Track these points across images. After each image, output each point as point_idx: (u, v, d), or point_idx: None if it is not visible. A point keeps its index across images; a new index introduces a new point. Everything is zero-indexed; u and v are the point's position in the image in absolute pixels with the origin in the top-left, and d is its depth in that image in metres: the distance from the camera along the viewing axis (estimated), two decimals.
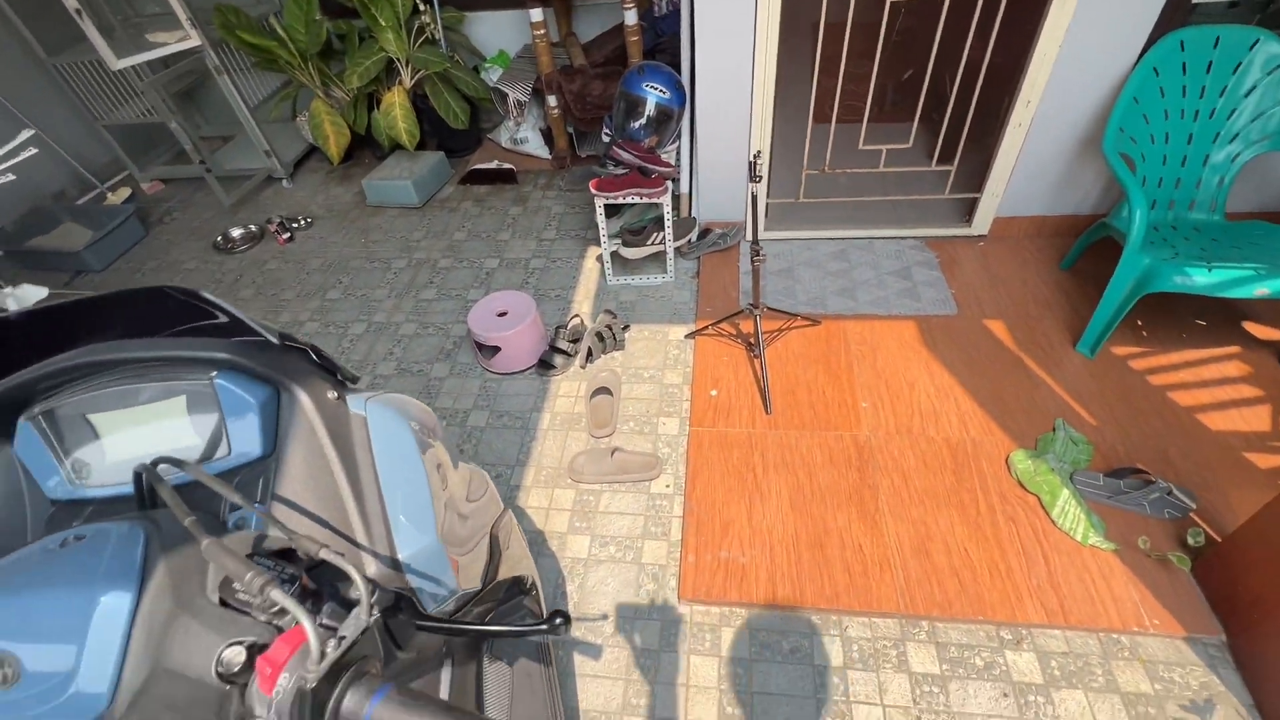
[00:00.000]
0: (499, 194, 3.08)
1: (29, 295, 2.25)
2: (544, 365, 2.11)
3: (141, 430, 0.61)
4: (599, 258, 2.58)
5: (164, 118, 2.98)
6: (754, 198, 1.68)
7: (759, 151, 1.59)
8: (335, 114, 3.06)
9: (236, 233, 2.96)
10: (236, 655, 0.38)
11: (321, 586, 0.44)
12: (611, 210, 2.42)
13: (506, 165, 3.12)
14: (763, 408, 1.90)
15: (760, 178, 1.62)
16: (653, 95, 2.10)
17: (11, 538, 0.52)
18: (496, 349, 2.05)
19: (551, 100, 2.93)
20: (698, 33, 2.03)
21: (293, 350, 0.63)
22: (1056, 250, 2.33)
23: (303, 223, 3.00)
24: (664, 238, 2.30)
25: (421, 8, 2.88)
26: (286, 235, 2.91)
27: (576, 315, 2.25)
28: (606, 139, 2.34)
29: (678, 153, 2.34)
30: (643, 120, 2.16)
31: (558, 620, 0.48)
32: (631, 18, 2.58)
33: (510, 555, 1.00)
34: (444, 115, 3.00)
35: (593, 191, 2.17)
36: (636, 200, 2.17)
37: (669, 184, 2.19)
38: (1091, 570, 1.46)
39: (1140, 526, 1.52)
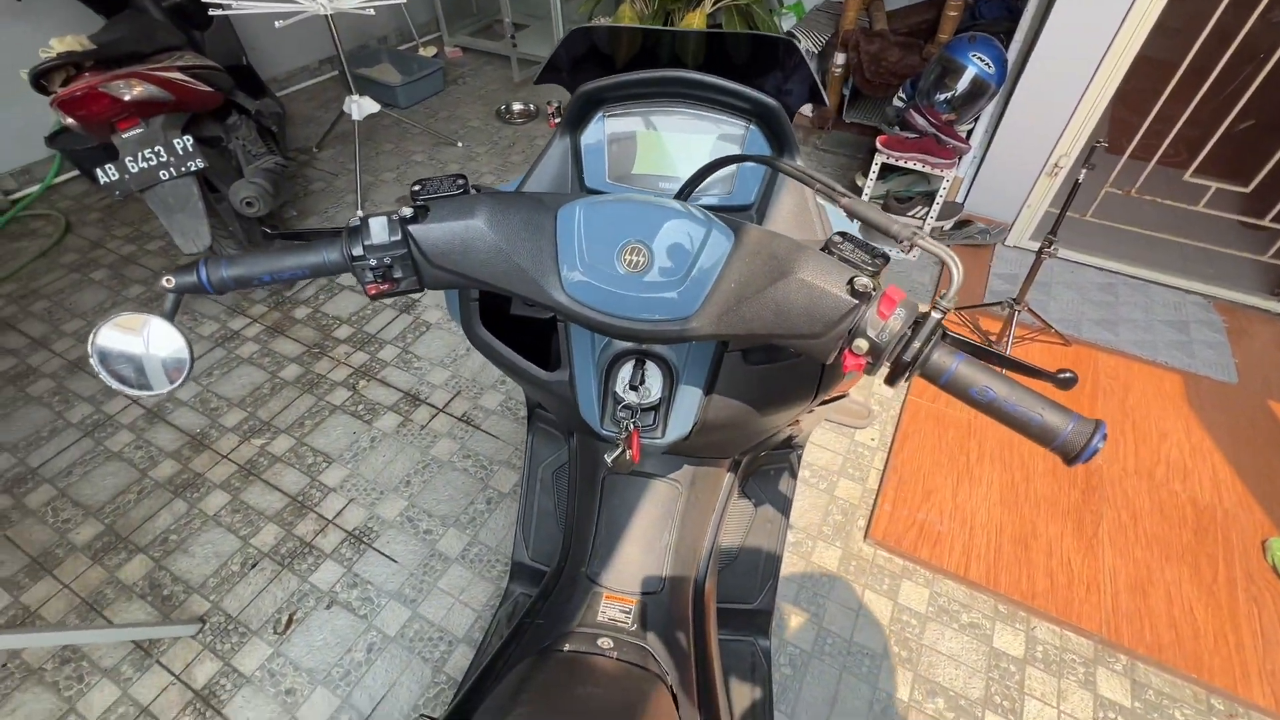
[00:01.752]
0: None
1: (367, 107, 2.67)
2: None
3: (667, 153, 0.74)
4: None
5: None
6: (1075, 185, 1.60)
7: (1103, 140, 1.51)
8: (636, 22, 3.26)
9: (517, 107, 3.29)
10: (867, 285, 0.48)
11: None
12: (880, 174, 2.40)
13: None
14: None
15: (1094, 165, 1.55)
16: (976, 66, 2.04)
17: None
18: None
19: (840, 58, 2.93)
20: (1054, 11, 1.93)
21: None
22: None
23: None
24: (925, 214, 2.26)
25: None
26: (559, 120, 3.19)
27: None
28: (900, 103, 2.32)
29: (969, 135, 2.27)
30: (953, 91, 2.10)
31: (1067, 374, 0.55)
32: None
33: None
34: None
35: (879, 146, 2.17)
36: (919, 167, 2.15)
37: (957, 160, 2.14)
38: None
39: None
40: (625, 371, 0.70)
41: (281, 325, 2.10)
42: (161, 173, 1.70)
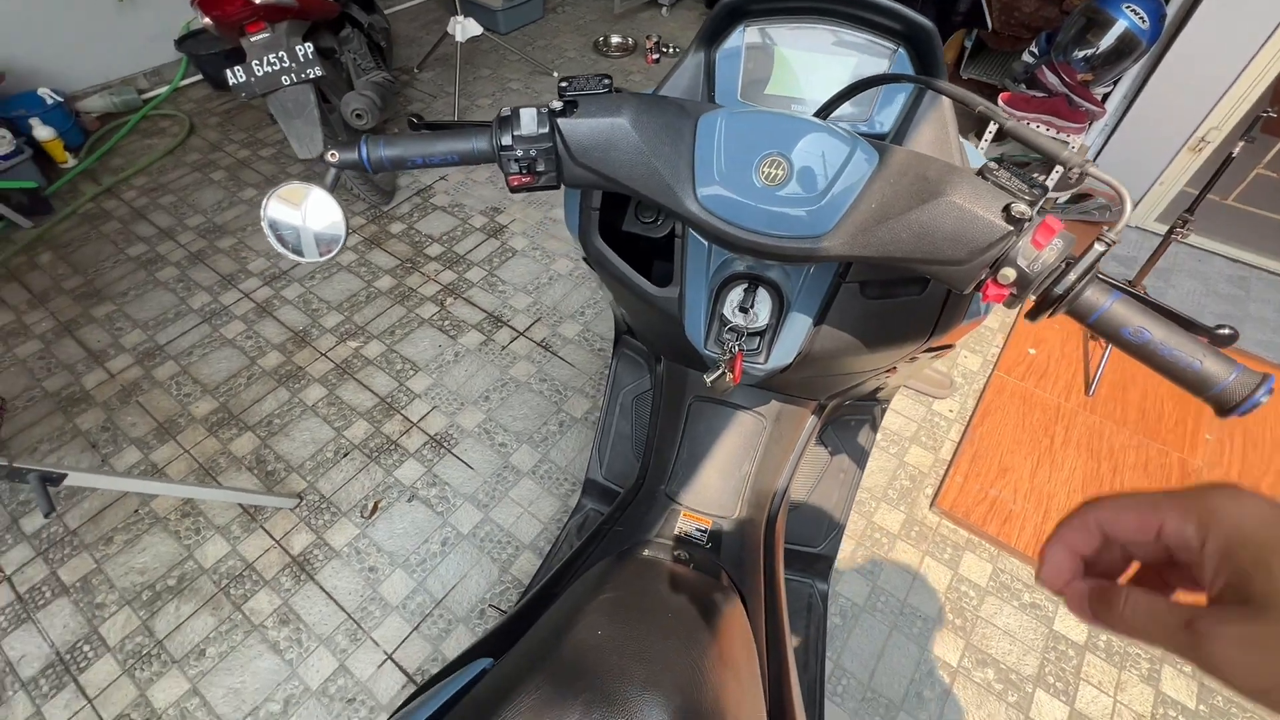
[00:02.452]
0: None
1: (471, 29, 2.68)
2: None
3: (804, 74, 0.72)
4: None
5: None
6: (1228, 159, 1.45)
7: (1272, 109, 1.35)
8: None
9: (615, 40, 3.22)
10: (1025, 212, 0.46)
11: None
12: (995, 136, 2.24)
13: None
14: (1084, 387, 1.75)
15: (1254, 138, 1.40)
16: (1128, 20, 1.85)
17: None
18: None
19: (964, 5, 2.70)
20: None
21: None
22: None
23: (670, 50, 3.16)
24: (1044, 181, 2.10)
25: None
26: (655, 56, 3.10)
27: None
28: (1031, 58, 2.13)
29: (1104, 98, 2.08)
30: (1095, 48, 1.92)
31: (1226, 330, 0.52)
32: None
33: None
34: None
35: (1000, 104, 2.02)
36: (1044, 129, 1.99)
37: (1086, 126, 1.97)
38: None
39: None
40: (735, 294, 0.70)
41: (378, 238, 2.20)
42: (283, 78, 1.77)
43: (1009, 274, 0.47)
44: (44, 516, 1.40)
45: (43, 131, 2.31)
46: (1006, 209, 0.46)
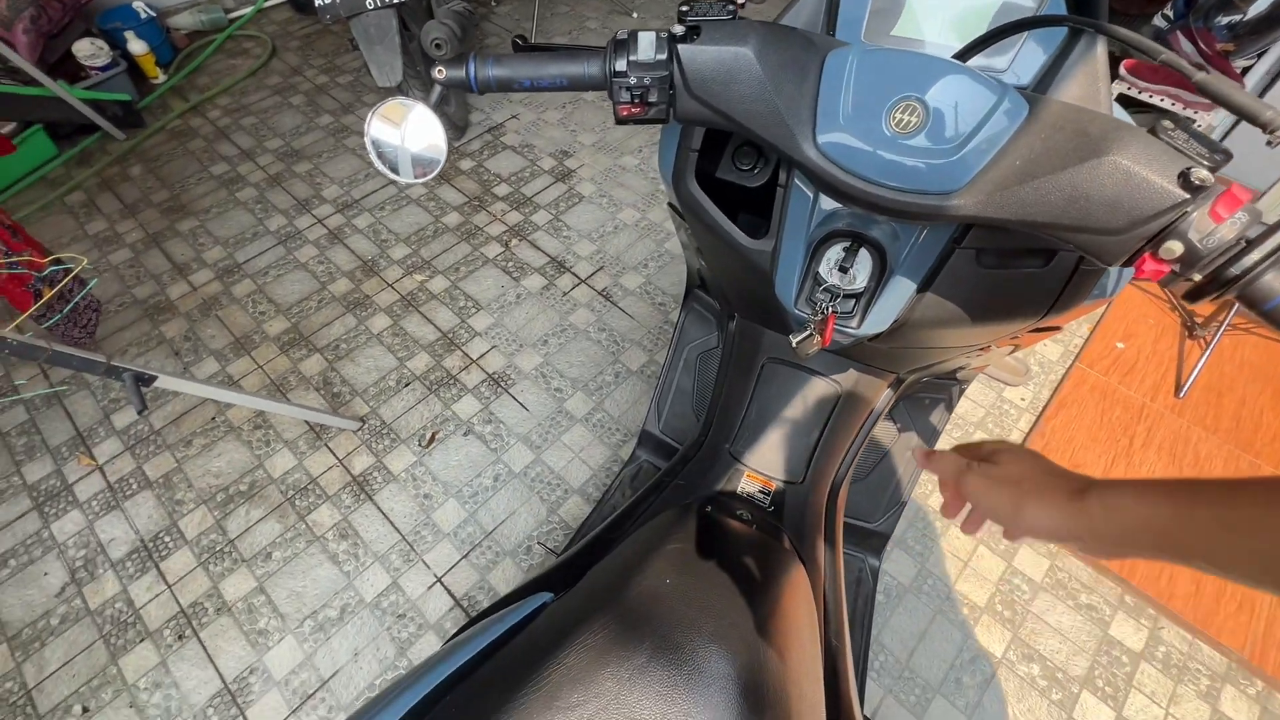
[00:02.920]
0: None
1: None
2: None
3: (938, 13, 0.66)
4: None
5: None
6: None
7: None
8: None
9: None
10: (1206, 179, 0.41)
11: None
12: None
13: None
14: (1173, 388, 1.64)
15: None
16: None
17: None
18: None
19: None
20: None
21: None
22: None
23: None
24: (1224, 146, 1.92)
25: None
26: (743, 1, 2.95)
27: None
28: (1163, 23, 1.92)
29: (1244, 72, 1.86)
30: (1243, 13, 1.71)
31: None
32: None
33: None
34: None
35: (1123, 73, 1.84)
36: (1166, 105, 1.81)
37: None
38: None
39: None
40: (834, 252, 0.66)
41: (447, 174, 2.20)
42: (368, 1, 1.76)
43: (1174, 248, 0.42)
44: (137, 413, 1.49)
45: (137, 45, 2.37)
46: (1184, 174, 0.41)
